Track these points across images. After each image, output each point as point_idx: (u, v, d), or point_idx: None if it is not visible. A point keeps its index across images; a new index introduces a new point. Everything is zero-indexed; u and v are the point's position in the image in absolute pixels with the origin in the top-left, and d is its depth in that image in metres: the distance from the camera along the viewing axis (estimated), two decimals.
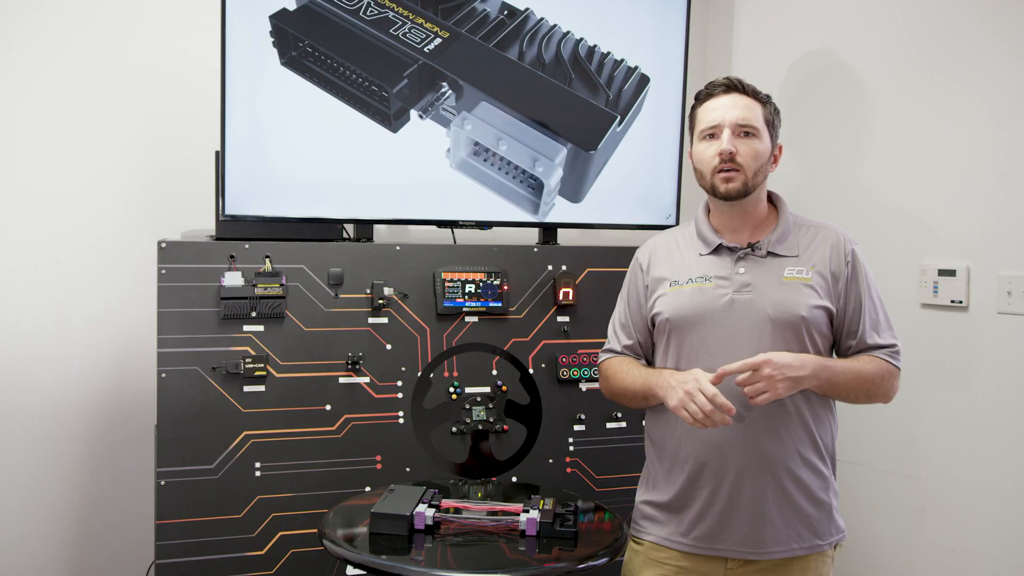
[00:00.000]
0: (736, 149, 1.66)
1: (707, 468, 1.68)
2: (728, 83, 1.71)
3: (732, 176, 1.67)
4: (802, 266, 1.69)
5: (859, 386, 1.66)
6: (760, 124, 1.69)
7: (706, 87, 1.75)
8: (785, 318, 1.65)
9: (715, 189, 1.70)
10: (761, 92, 1.73)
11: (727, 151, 1.66)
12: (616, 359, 1.86)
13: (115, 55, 2.61)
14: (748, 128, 1.67)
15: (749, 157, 1.67)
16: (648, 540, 1.77)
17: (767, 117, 1.71)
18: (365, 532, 1.72)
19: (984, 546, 2.12)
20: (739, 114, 1.68)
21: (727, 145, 1.66)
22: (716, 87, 1.72)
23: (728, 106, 1.69)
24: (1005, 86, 2.09)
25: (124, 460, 2.64)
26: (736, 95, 1.70)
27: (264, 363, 2.16)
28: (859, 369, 1.66)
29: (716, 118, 1.69)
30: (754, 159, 1.67)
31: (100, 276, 2.61)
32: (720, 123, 1.68)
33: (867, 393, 1.68)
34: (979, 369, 2.14)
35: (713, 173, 1.69)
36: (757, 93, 1.72)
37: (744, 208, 1.72)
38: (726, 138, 1.67)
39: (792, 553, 1.67)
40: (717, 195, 1.70)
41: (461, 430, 2.30)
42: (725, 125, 1.68)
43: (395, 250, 2.33)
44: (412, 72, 2.34)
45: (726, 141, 1.67)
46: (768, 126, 1.71)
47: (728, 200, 1.70)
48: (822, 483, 1.69)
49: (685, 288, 1.73)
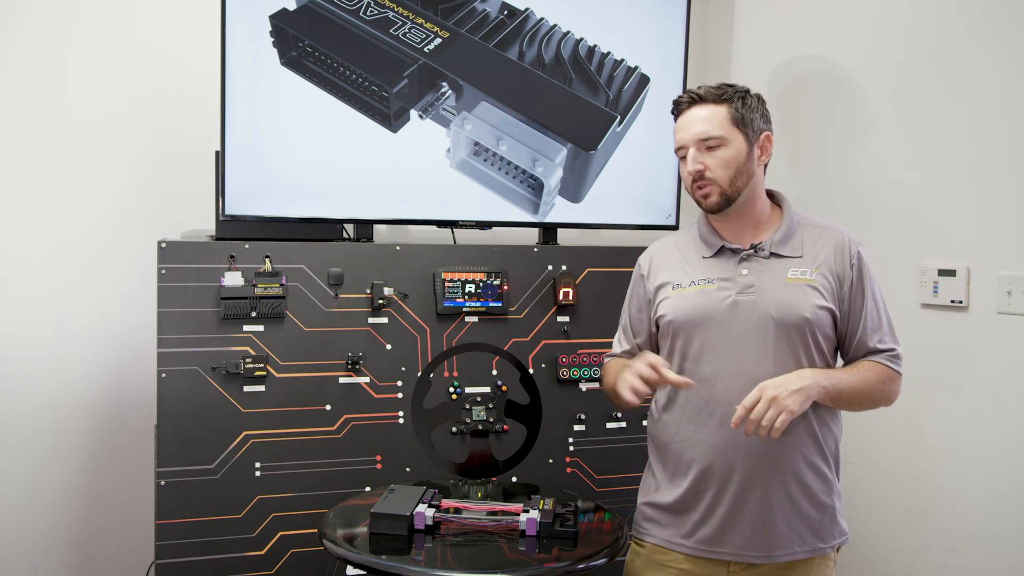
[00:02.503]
0: (704, 164, 1.67)
1: (711, 472, 1.67)
2: (689, 97, 1.71)
3: (707, 191, 1.68)
4: (806, 267, 1.68)
5: (862, 391, 1.66)
6: (724, 130, 1.67)
7: (673, 103, 1.75)
8: (789, 319, 1.64)
9: (699, 204, 1.72)
10: (727, 91, 1.69)
11: (693, 171, 1.68)
12: (612, 361, 1.89)
13: (115, 55, 2.60)
14: (711, 140, 1.66)
15: (719, 168, 1.66)
16: (651, 542, 1.77)
17: (734, 116, 1.67)
18: (365, 532, 1.72)
19: (984, 546, 2.12)
20: (698, 129, 1.67)
21: (691, 165, 1.68)
22: (680, 103, 1.72)
23: (689, 123, 1.69)
24: (1005, 86, 2.08)
25: (124, 460, 2.64)
26: (697, 107, 1.69)
27: (264, 363, 2.16)
28: (860, 375, 1.66)
29: (680, 139, 1.71)
30: (724, 168, 1.66)
31: (100, 276, 2.61)
32: (684, 143, 1.70)
33: (870, 398, 1.68)
34: (979, 369, 2.14)
35: (692, 191, 1.71)
36: (719, 96, 1.68)
37: (739, 212, 1.72)
38: (691, 157, 1.68)
39: (795, 556, 1.66)
40: (703, 209, 1.73)
41: (461, 430, 2.30)
42: (689, 144, 1.69)
43: (395, 250, 2.33)
44: (412, 72, 2.34)
45: (691, 161, 1.68)
46: (738, 124, 1.67)
47: (713, 212, 1.71)
48: (826, 486, 1.69)
49: (688, 291, 1.73)
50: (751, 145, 1.69)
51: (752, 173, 1.70)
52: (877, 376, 1.67)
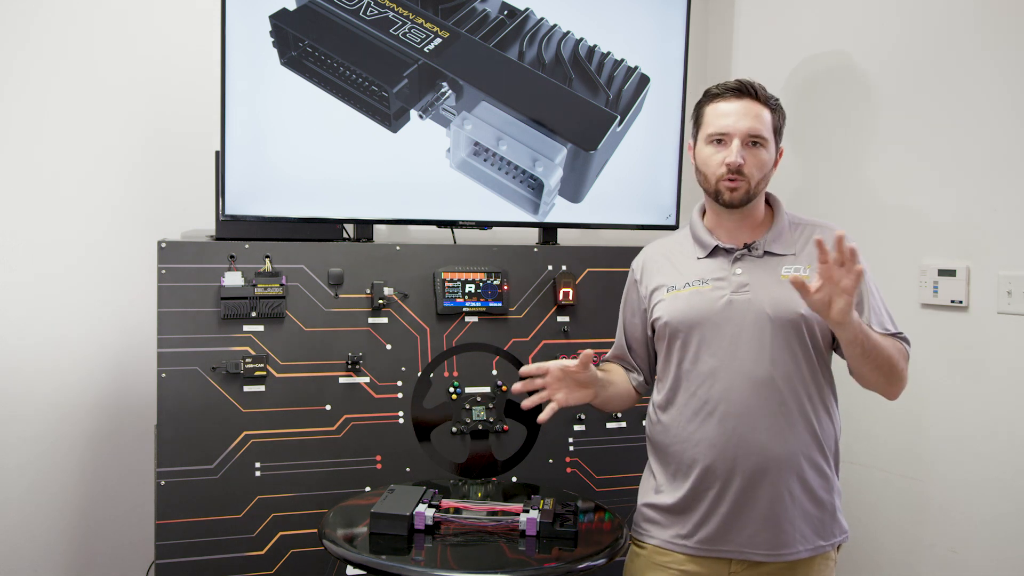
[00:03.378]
0: (744, 160, 1.65)
1: (713, 471, 1.67)
2: (740, 87, 1.68)
3: (737, 186, 1.66)
4: (800, 264, 1.68)
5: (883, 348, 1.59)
6: (769, 133, 1.67)
7: (717, 87, 1.71)
8: (785, 316, 1.64)
9: (719, 196, 1.69)
10: (772, 97, 1.70)
11: (735, 163, 1.64)
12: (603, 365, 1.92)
13: (114, 55, 2.61)
14: (757, 139, 1.66)
15: (755, 168, 1.66)
16: (651, 543, 1.76)
17: (775, 124, 1.69)
18: (365, 532, 1.72)
19: (984, 546, 2.12)
20: (750, 124, 1.65)
21: (736, 157, 1.64)
22: (728, 89, 1.69)
23: (740, 114, 1.66)
24: (1005, 86, 2.08)
25: (124, 460, 2.64)
26: (748, 101, 1.67)
27: (264, 363, 2.16)
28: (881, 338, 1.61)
29: (726, 125, 1.66)
30: (759, 169, 1.67)
31: (100, 276, 2.61)
32: (730, 132, 1.66)
33: (889, 363, 1.61)
34: (979, 369, 2.14)
35: (718, 181, 1.68)
36: (768, 99, 1.69)
37: (743, 212, 1.72)
38: (735, 150, 1.65)
39: (797, 555, 1.66)
40: (720, 202, 1.70)
41: (461, 430, 2.30)
42: (735, 135, 1.65)
43: (395, 250, 2.33)
44: (412, 72, 2.34)
45: (735, 153, 1.64)
46: (775, 133, 1.70)
47: (731, 207, 1.70)
48: (826, 484, 1.69)
49: (682, 292, 1.73)
50: (775, 154, 1.71)
51: (769, 181, 1.72)
52: (894, 345, 1.64)
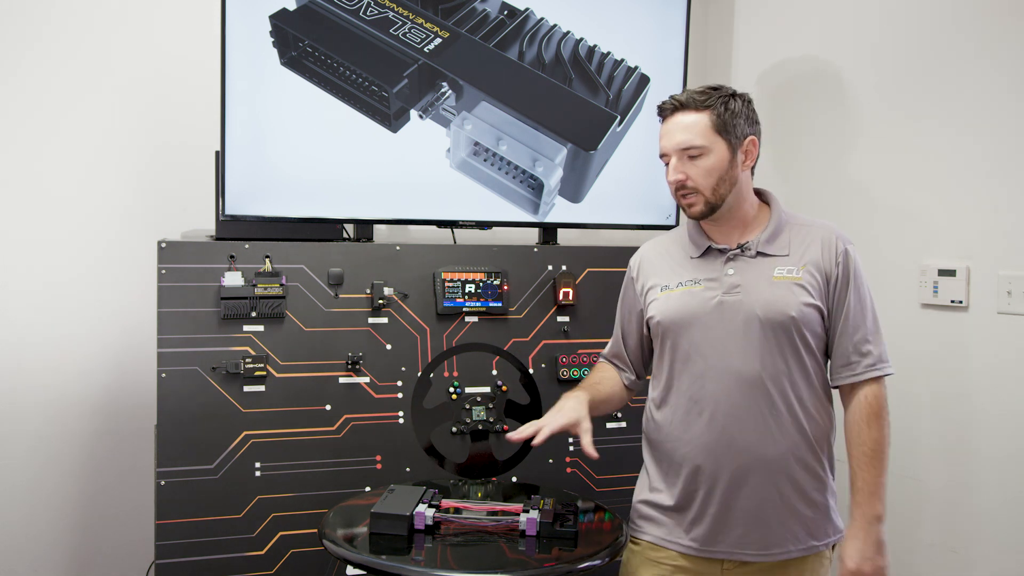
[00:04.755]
0: (686, 174, 1.67)
1: (702, 471, 1.68)
2: (672, 103, 1.69)
3: (692, 200, 1.69)
4: (793, 265, 1.68)
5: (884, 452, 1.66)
6: (705, 139, 1.65)
7: (657, 109, 1.74)
8: (775, 318, 1.64)
9: (684, 212, 1.73)
10: (710, 96, 1.66)
11: (674, 181, 1.68)
12: (596, 367, 1.95)
13: (114, 55, 2.61)
14: (691, 150, 1.66)
15: (700, 177, 1.66)
16: (645, 540, 1.77)
17: (716, 124, 1.65)
18: (365, 532, 1.72)
19: (984, 546, 2.12)
20: (679, 138, 1.67)
21: (673, 175, 1.68)
22: (663, 109, 1.72)
23: (672, 131, 1.69)
24: (1005, 85, 2.08)
25: (124, 460, 2.64)
26: (680, 114, 1.68)
27: (264, 363, 2.16)
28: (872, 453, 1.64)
29: (663, 146, 1.71)
30: (706, 177, 1.66)
31: (100, 276, 2.61)
32: (666, 151, 1.70)
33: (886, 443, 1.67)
34: (979, 369, 2.14)
35: (677, 199, 1.72)
36: (701, 103, 1.66)
37: (726, 215, 1.72)
38: (672, 167, 1.68)
39: (789, 555, 1.66)
40: (688, 216, 1.74)
41: (461, 430, 2.30)
42: (670, 152, 1.69)
43: (395, 250, 2.33)
44: (412, 72, 2.34)
45: (672, 170, 1.68)
46: (720, 132, 1.66)
47: (700, 219, 1.72)
48: (818, 484, 1.69)
49: (675, 292, 1.73)
50: (734, 151, 1.67)
51: (736, 179, 1.69)
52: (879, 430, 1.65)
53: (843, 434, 1.71)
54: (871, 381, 1.66)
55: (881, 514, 1.63)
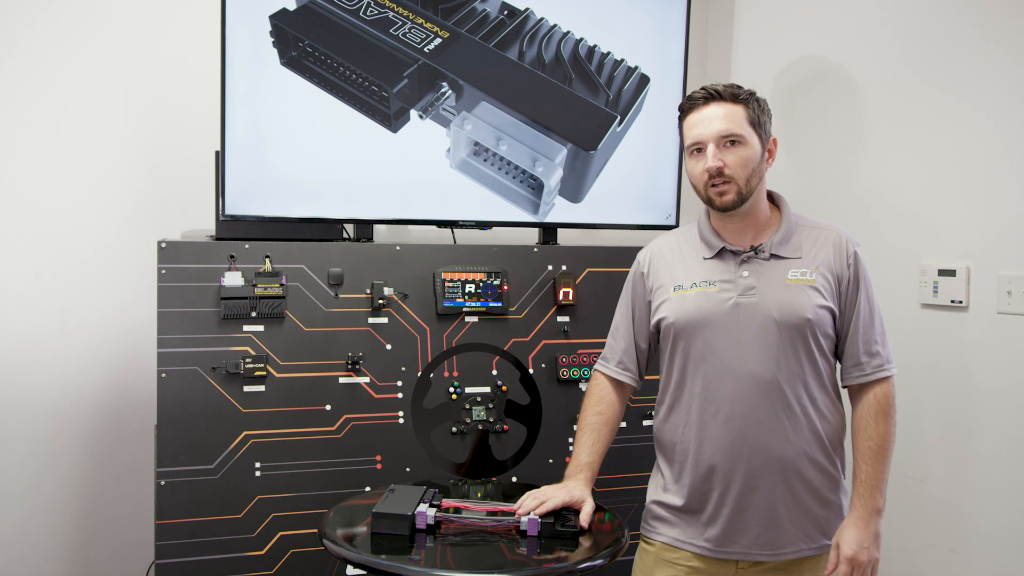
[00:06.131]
0: (724, 162, 1.65)
1: (715, 472, 1.68)
2: (706, 93, 1.69)
3: (725, 189, 1.67)
4: (806, 267, 1.69)
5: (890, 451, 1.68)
6: (744, 129, 1.66)
7: (686, 100, 1.73)
8: (791, 320, 1.65)
9: (712, 203, 1.70)
10: (741, 92, 1.68)
11: (714, 168, 1.66)
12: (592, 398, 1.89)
13: (114, 55, 2.61)
14: (732, 137, 1.66)
15: (738, 166, 1.66)
16: (659, 540, 1.77)
17: (751, 117, 1.67)
18: (365, 532, 1.72)
19: (984, 546, 2.12)
20: (720, 126, 1.66)
21: (712, 162, 1.66)
22: (695, 100, 1.70)
23: (709, 119, 1.67)
24: (1005, 86, 2.08)
25: (124, 460, 2.64)
26: (715, 104, 1.68)
27: (264, 363, 2.16)
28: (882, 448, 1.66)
29: (699, 134, 1.68)
30: (743, 167, 1.66)
31: (100, 276, 2.61)
32: (703, 139, 1.68)
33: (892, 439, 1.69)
34: (979, 369, 2.14)
35: (706, 188, 1.69)
36: (736, 95, 1.68)
37: (744, 213, 1.72)
38: (711, 154, 1.66)
39: (801, 554, 1.67)
40: (715, 208, 1.71)
41: (461, 430, 2.30)
42: (708, 140, 1.67)
43: (395, 250, 2.33)
44: (412, 72, 2.34)
45: (711, 157, 1.66)
46: (754, 126, 1.67)
47: (726, 211, 1.70)
48: (831, 483, 1.70)
49: (689, 292, 1.73)
50: (763, 147, 1.69)
51: (762, 175, 1.70)
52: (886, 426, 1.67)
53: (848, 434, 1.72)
54: (880, 381, 1.68)
55: (881, 508, 1.64)
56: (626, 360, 1.88)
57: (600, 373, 1.91)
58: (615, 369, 1.89)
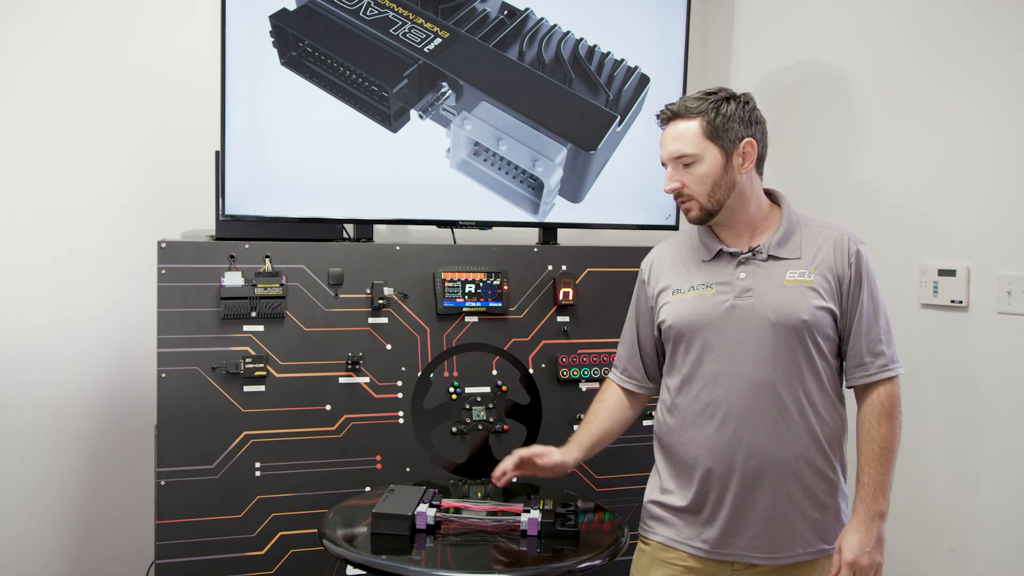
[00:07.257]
0: (681, 182, 1.69)
1: (712, 474, 1.68)
2: (665, 114, 1.72)
3: (688, 206, 1.71)
4: (804, 268, 1.67)
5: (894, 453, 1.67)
6: (696, 146, 1.66)
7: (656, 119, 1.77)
8: (787, 322, 1.64)
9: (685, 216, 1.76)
10: (701, 103, 1.67)
11: (670, 190, 1.71)
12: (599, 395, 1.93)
13: (114, 55, 2.61)
14: (683, 158, 1.68)
15: (695, 184, 1.68)
16: (656, 540, 1.77)
17: (707, 130, 1.66)
18: (365, 532, 1.72)
19: (984, 546, 2.12)
20: (671, 148, 1.70)
21: (668, 184, 1.71)
22: (659, 120, 1.75)
23: (665, 141, 1.72)
24: (1005, 85, 2.08)
25: (124, 460, 2.64)
26: (671, 124, 1.71)
27: (264, 363, 2.16)
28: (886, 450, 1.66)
29: (661, 155, 1.74)
30: (700, 184, 1.67)
31: (100, 276, 2.61)
32: (664, 160, 1.73)
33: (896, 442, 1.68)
34: (979, 369, 2.14)
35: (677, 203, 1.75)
36: (692, 110, 1.67)
37: (732, 218, 1.71)
38: (668, 176, 1.71)
39: (798, 558, 1.67)
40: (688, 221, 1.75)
41: (461, 430, 2.30)
42: (667, 162, 1.72)
43: (395, 250, 2.33)
44: (412, 72, 2.34)
45: (667, 179, 1.71)
46: (712, 138, 1.66)
47: (699, 224, 1.74)
48: (829, 488, 1.69)
49: (687, 295, 1.73)
50: (728, 156, 1.67)
51: (733, 183, 1.68)
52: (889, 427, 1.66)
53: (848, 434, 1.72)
54: (885, 381, 1.67)
55: (884, 511, 1.64)
56: (630, 368, 1.89)
57: (610, 380, 1.95)
58: (621, 376, 1.91)
